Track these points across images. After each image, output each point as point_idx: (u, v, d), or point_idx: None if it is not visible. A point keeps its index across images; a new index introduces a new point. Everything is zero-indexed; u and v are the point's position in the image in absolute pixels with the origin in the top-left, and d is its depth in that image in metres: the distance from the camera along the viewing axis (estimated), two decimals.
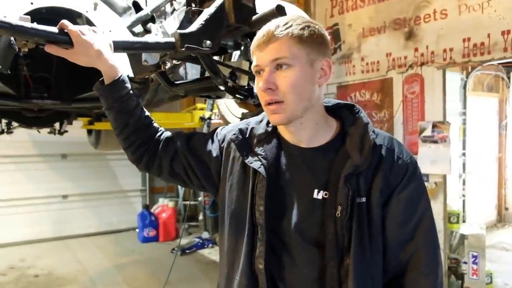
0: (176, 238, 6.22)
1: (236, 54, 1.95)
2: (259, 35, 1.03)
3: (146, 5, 1.96)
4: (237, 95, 1.84)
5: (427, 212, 1.07)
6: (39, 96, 2.39)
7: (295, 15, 1.14)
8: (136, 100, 1.20)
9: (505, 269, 4.54)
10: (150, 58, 1.60)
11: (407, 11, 3.64)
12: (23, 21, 1.11)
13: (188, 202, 4.73)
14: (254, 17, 1.50)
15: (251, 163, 1.09)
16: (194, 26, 1.43)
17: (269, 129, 1.14)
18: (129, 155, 1.25)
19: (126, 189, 7.04)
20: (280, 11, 1.38)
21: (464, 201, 4.91)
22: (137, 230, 6.44)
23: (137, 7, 1.95)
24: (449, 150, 3.42)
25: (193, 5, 1.64)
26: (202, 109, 4.55)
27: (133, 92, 1.18)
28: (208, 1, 1.61)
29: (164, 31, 1.66)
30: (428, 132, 3.48)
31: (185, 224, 5.84)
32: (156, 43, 1.43)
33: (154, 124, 1.26)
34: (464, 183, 4.99)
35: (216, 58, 1.85)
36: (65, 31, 1.08)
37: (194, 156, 1.21)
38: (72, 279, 4.66)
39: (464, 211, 4.57)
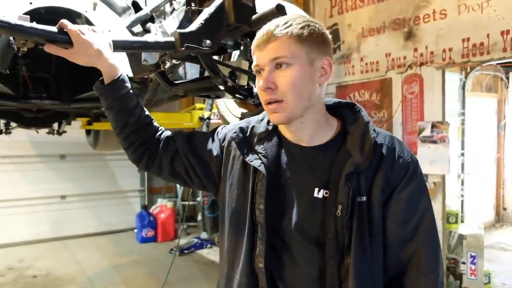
0: (175, 239, 6.21)
1: (235, 54, 1.95)
2: (259, 34, 1.03)
3: (146, 5, 1.96)
4: (236, 95, 1.83)
5: (428, 211, 1.07)
6: (38, 96, 2.39)
7: (296, 14, 1.14)
8: (136, 100, 1.19)
9: (503, 269, 4.55)
10: (149, 58, 1.59)
11: (407, 11, 3.64)
12: (22, 20, 1.10)
13: (187, 203, 4.73)
14: (254, 17, 1.50)
15: (251, 161, 1.08)
16: (193, 25, 1.43)
17: (270, 127, 1.14)
18: (129, 154, 1.25)
19: (125, 189, 7.03)
20: (280, 10, 1.38)
21: (462, 201, 4.90)
22: (135, 230, 6.44)
23: (136, 7, 1.95)
24: (448, 150, 3.42)
25: (192, 4, 1.64)
26: (201, 109, 4.54)
27: (133, 92, 1.18)
28: (207, 0, 1.61)
29: (163, 30, 1.65)
30: (427, 132, 3.48)
31: (184, 225, 5.83)
32: (155, 43, 1.43)
33: (154, 123, 1.26)
34: (462, 183, 4.98)
35: (215, 57, 1.85)
36: (65, 30, 1.08)
37: (194, 155, 1.21)
38: (71, 279, 4.65)
39: (462, 211, 4.57)
